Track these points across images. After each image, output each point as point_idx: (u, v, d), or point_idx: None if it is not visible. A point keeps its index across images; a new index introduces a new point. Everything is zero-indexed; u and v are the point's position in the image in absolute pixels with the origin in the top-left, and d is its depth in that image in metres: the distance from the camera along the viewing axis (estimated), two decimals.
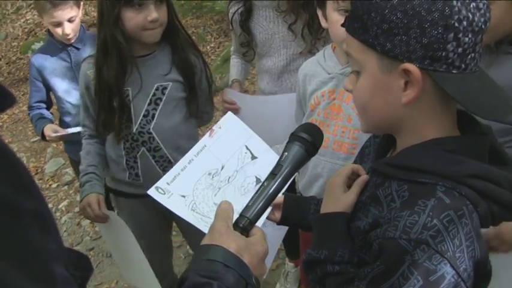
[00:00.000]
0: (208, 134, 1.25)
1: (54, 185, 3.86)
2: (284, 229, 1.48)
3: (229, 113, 1.32)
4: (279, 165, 0.86)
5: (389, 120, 0.82)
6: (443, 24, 0.69)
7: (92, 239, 3.11)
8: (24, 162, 4.19)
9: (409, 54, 0.72)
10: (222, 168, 1.21)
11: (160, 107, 1.63)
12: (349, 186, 0.93)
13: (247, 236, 0.79)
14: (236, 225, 0.79)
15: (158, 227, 1.91)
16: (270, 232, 1.43)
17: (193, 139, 1.81)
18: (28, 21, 6.76)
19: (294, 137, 0.88)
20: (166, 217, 1.87)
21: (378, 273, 0.74)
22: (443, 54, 0.71)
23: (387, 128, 0.85)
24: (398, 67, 0.74)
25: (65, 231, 2.87)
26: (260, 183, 1.21)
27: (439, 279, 0.69)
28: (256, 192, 0.84)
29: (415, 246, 0.70)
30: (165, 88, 1.63)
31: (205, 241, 0.76)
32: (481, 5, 0.71)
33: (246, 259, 0.74)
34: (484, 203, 0.75)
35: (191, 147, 1.82)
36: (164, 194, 1.11)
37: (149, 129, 1.64)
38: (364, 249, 0.83)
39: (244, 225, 0.80)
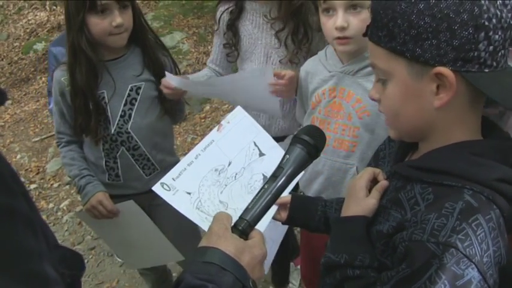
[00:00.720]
0: (216, 128, 1.22)
1: (55, 185, 3.87)
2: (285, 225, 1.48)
3: (239, 107, 1.29)
4: (280, 168, 0.85)
5: (421, 125, 0.81)
6: (473, 24, 0.68)
7: (93, 238, 3.12)
8: (26, 161, 4.21)
9: (441, 58, 0.71)
10: (229, 164, 1.19)
11: (135, 106, 1.68)
12: (369, 189, 0.91)
13: (246, 239, 0.78)
14: (235, 228, 0.79)
15: None
16: (271, 228, 1.43)
17: (169, 137, 1.89)
18: (30, 22, 6.77)
19: (296, 139, 0.87)
20: (147, 212, 1.89)
21: (403, 276, 0.72)
22: (475, 54, 0.70)
23: (419, 133, 0.84)
24: (430, 71, 0.73)
25: (66, 230, 2.88)
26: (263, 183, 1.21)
27: (465, 284, 0.67)
28: (256, 195, 0.83)
29: (443, 249, 0.69)
30: (139, 88, 1.68)
31: (202, 243, 0.76)
32: (507, 1, 0.70)
33: (243, 262, 0.73)
34: (510, 207, 0.74)
35: (167, 145, 1.85)
36: (169, 190, 1.09)
37: (127, 128, 1.69)
38: (386, 254, 0.82)
39: (243, 228, 0.79)
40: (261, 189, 0.84)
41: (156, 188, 1.09)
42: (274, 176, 0.84)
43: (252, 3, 1.72)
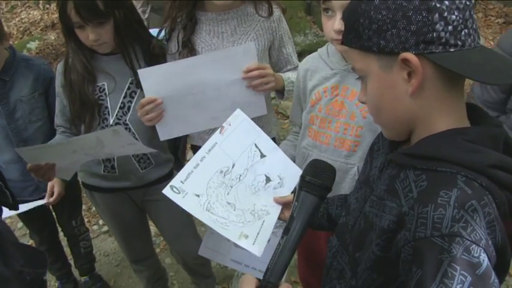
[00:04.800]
0: (218, 131, 1.26)
1: None
2: None
3: (238, 110, 1.32)
4: (292, 218, 0.86)
5: (403, 116, 0.82)
6: (425, 8, 0.73)
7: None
8: None
9: (403, 45, 0.75)
10: (233, 166, 1.22)
11: (135, 99, 1.70)
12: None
13: None
14: None
15: (134, 217, 2.00)
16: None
17: None
18: (23, 20, 6.72)
19: (301, 183, 0.87)
20: (140, 207, 1.98)
21: (417, 280, 0.69)
22: (435, 35, 0.73)
23: (404, 126, 0.85)
24: (397, 60, 0.76)
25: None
26: (270, 182, 1.24)
27: (486, 272, 0.66)
28: (275, 252, 0.86)
29: (449, 241, 0.67)
30: (139, 82, 1.67)
31: None
32: None
33: None
34: (502, 194, 0.74)
35: (162, 141, 1.80)
36: (179, 193, 1.11)
37: (125, 120, 1.71)
38: (386, 248, 0.81)
39: None
40: (278, 245, 0.87)
41: (167, 191, 1.11)
42: (288, 228, 0.86)
43: (206, 14, 1.65)
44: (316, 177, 0.87)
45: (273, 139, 1.77)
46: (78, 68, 1.62)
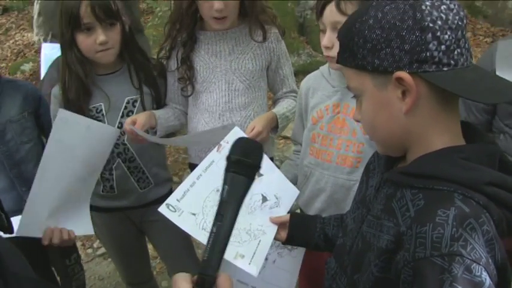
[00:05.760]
0: (216, 149, 1.25)
1: None
2: (301, 254, 1.45)
3: (236, 128, 1.31)
4: (223, 203, 0.80)
5: (398, 134, 0.83)
6: (418, 27, 0.74)
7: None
8: None
9: (397, 63, 0.76)
10: None
11: None
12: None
13: None
14: (198, 286, 0.75)
15: (132, 238, 1.97)
16: (287, 261, 1.44)
17: (163, 151, 1.92)
18: (17, 42, 6.74)
19: (228, 164, 0.81)
20: (138, 228, 1.95)
21: None
22: (428, 54, 0.74)
23: (399, 143, 0.85)
24: (391, 79, 0.77)
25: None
26: (266, 202, 1.21)
27: None
28: (208, 241, 0.79)
29: (450, 260, 0.67)
30: (136, 101, 1.69)
31: None
32: (452, 5, 0.76)
33: None
34: (500, 211, 0.74)
35: (161, 158, 1.87)
36: (175, 211, 1.11)
37: (124, 140, 1.69)
38: (386, 269, 0.80)
39: (206, 285, 0.76)
40: (210, 233, 0.80)
41: (162, 209, 1.10)
42: (220, 214, 0.80)
43: (205, 33, 1.67)
44: (246, 156, 0.80)
45: (271, 159, 1.77)
46: (79, 76, 1.60)
